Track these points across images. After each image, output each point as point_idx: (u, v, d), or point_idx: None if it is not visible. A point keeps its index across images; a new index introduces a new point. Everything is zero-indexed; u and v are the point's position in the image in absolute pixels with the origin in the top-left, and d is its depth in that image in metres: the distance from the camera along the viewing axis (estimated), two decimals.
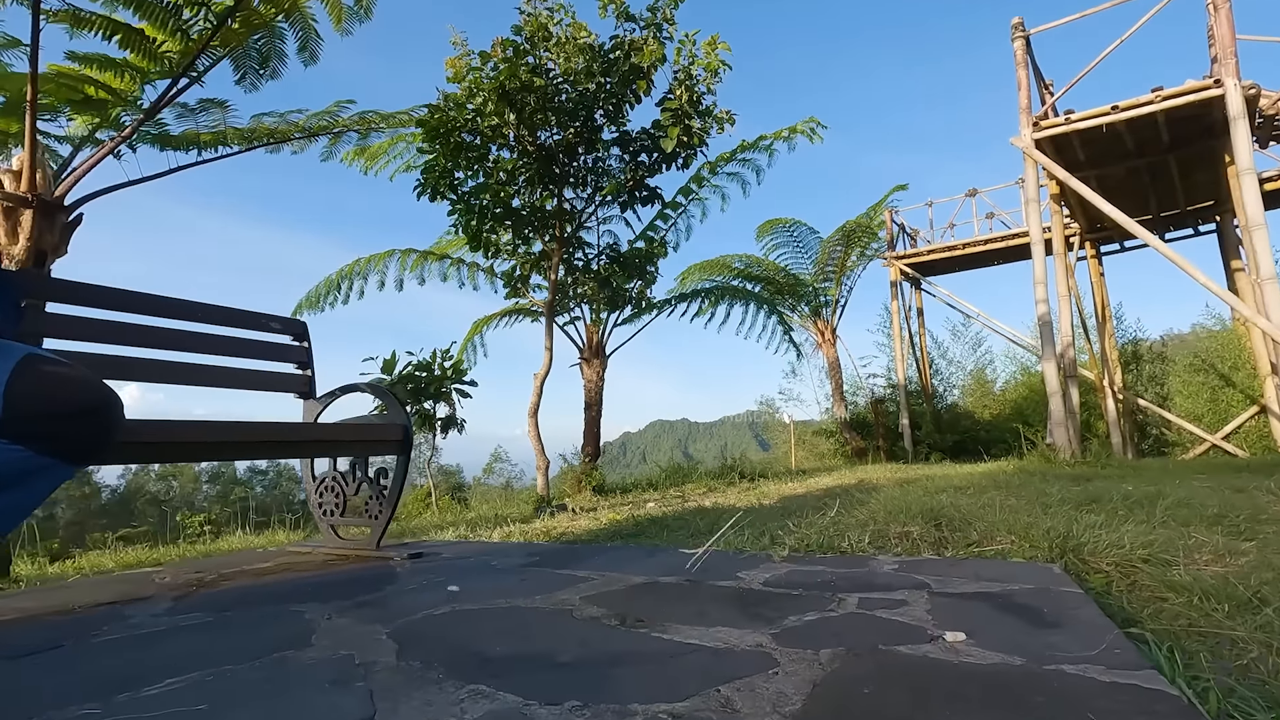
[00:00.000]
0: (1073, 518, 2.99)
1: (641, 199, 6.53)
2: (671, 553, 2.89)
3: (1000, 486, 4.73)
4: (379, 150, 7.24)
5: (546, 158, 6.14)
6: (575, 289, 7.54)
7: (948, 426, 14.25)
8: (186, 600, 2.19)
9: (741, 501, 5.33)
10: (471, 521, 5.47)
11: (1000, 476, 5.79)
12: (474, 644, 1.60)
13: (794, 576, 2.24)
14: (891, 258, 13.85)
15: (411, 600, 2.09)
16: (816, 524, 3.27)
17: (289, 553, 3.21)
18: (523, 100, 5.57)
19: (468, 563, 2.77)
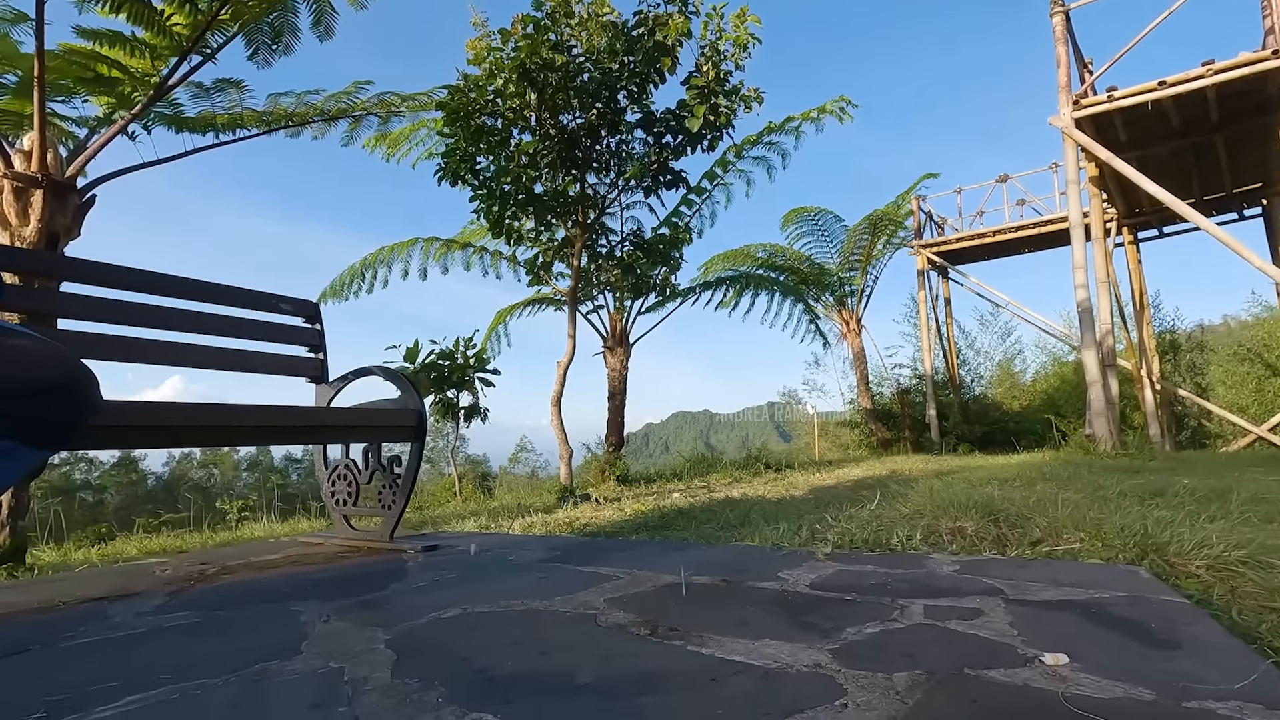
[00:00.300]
0: (1143, 514, 2.66)
1: (666, 183, 6.23)
2: (702, 548, 2.62)
3: (1047, 479, 4.37)
4: (401, 137, 7.04)
5: (569, 141, 5.87)
6: (598, 276, 7.28)
7: (976, 417, 13.76)
8: (180, 596, 1.98)
9: (770, 493, 5.04)
10: (494, 511, 5.27)
11: (1043, 468, 5.41)
12: (482, 657, 1.36)
13: (843, 578, 1.96)
14: (919, 246, 13.35)
15: (419, 600, 1.85)
16: (857, 517, 2.98)
17: (300, 543, 3.02)
18: (544, 80, 5.31)
19: (484, 557, 2.54)
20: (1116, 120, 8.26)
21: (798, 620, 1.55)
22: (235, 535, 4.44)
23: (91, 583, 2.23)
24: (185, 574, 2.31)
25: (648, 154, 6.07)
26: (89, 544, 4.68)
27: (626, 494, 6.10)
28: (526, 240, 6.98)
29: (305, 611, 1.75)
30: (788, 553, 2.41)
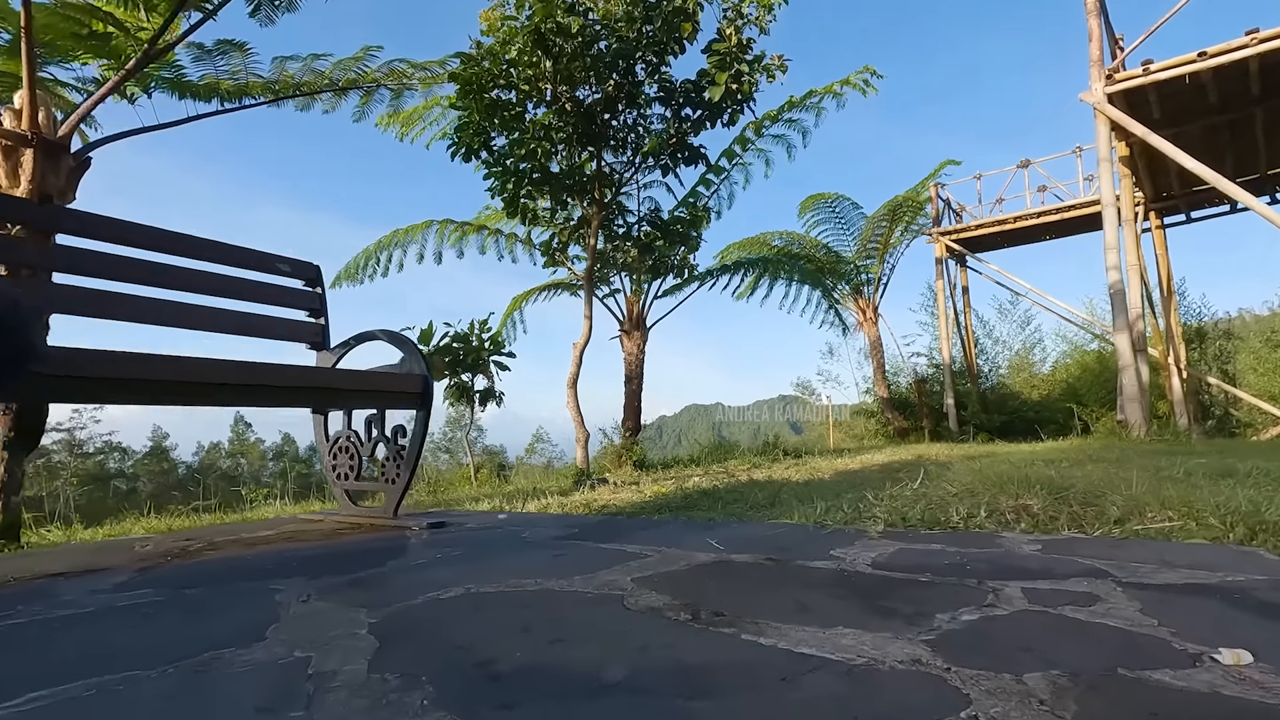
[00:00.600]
0: (1233, 493, 2.31)
1: (684, 159, 5.90)
2: (735, 526, 2.31)
3: (1094, 460, 4.00)
4: (414, 115, 6.74)
5: (585, 115, 5.56)
6: (616, 256, 6.97)
7: (994, 406, 13.28)
8: (150, 572, 1.71)
9: (795, 476, 4.71)
10: (508, 494, 4.99)
11: (1084, 452, 5.03)
12: (484, 645, 1.06)
13: (909, 557, 1.64)
14: (937, 234, 12.89)
15: (417, 579, 1.56)
16: (901, 496, 2.65)
17: (300, 520, 2.75)
18: (559, 47, 4.99)
19: (494, 534, 2.25)
20: (1151, 96, 7.78)
21: (871, 605, 1.24)
22: (244, 515, 4.20)
23: (61, 559, 1.97)
24: (166, 550, 2.04)
25: (666, 128, 5.74)
26: (105, 524, 4.47)
27: (644, 478, 5.80)
28: (542, 221, 6.69)
29: (284, 590, 1.47)
30: (833, 531, 2.09)
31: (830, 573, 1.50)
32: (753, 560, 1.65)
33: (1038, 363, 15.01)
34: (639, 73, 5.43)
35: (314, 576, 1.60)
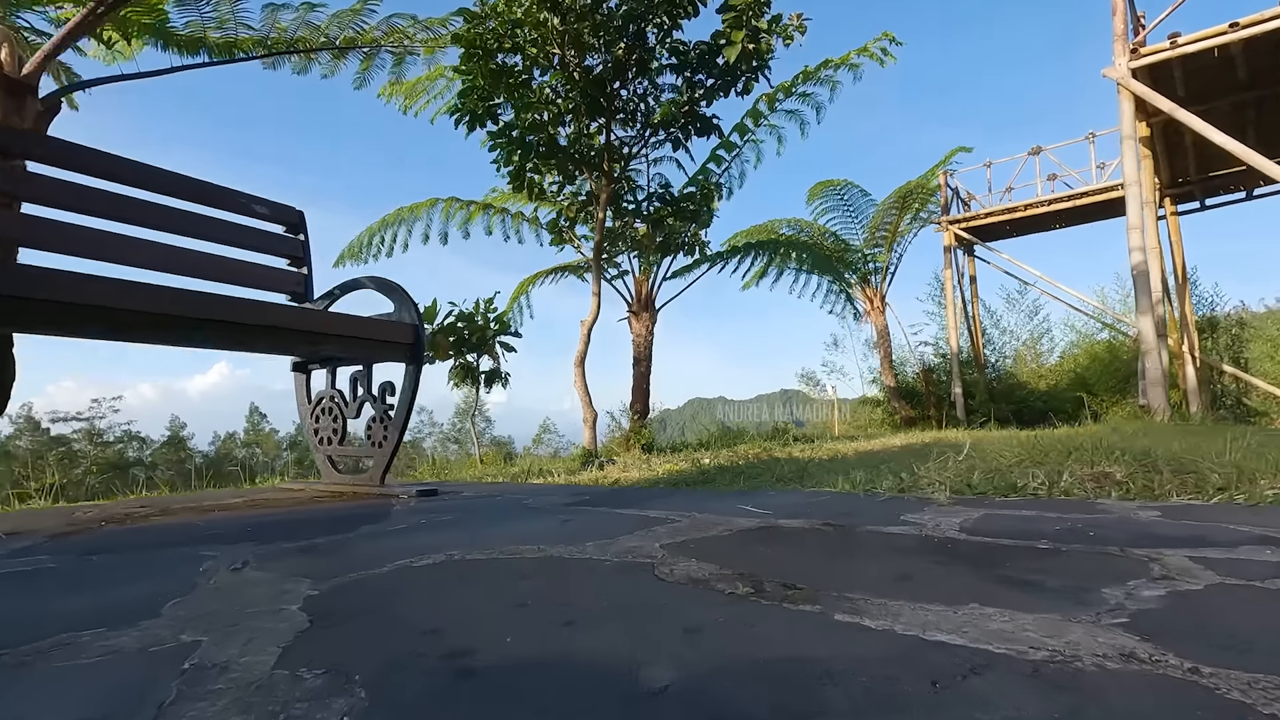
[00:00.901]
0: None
1: (697, 129, 5.53)
2: (769, 494, 1.95)
3: (1137, 437, 3.63)
4: (418, 87, 6.34)
5: (596, 82, 5.19)
6: (625, 233, 6.60)
7: (1002, 396, 12.86)
8: (67, 538, 1.36)
9: (814, 455, 4.34)
10: (514, 475, 4.65)
11: (1117, 433, 4.64)
12: (460, 627, 0.71)
13: (1003, 523, 1.28)
14: (946, 222, 12.45)
15: (389, 545, 1.21)
16: (952, 466, 2.29)
17: (278, 490, 2.41)
18: (567, 3, 4.62)
19: (493, 501, 1.90)
20: (1176, 71, 7.35)
21: (995, 575, 0.88)
22: (235, 488, 3.86)
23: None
24: (106, 516, 1.70)
25: (678, 97, 5.36)
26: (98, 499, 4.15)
27: (655, 460, 5.45)
28: (548, 197, 6.32)
29: (217, 557, 1.12)
30: (889, 498, 1.73)
31: (914, 538, 1.14)
32: (808, 526, 1.29)
33: (1045, 353, 14.59)
34: (650, 37, 5.05)
35: (264, 542, 1.25)
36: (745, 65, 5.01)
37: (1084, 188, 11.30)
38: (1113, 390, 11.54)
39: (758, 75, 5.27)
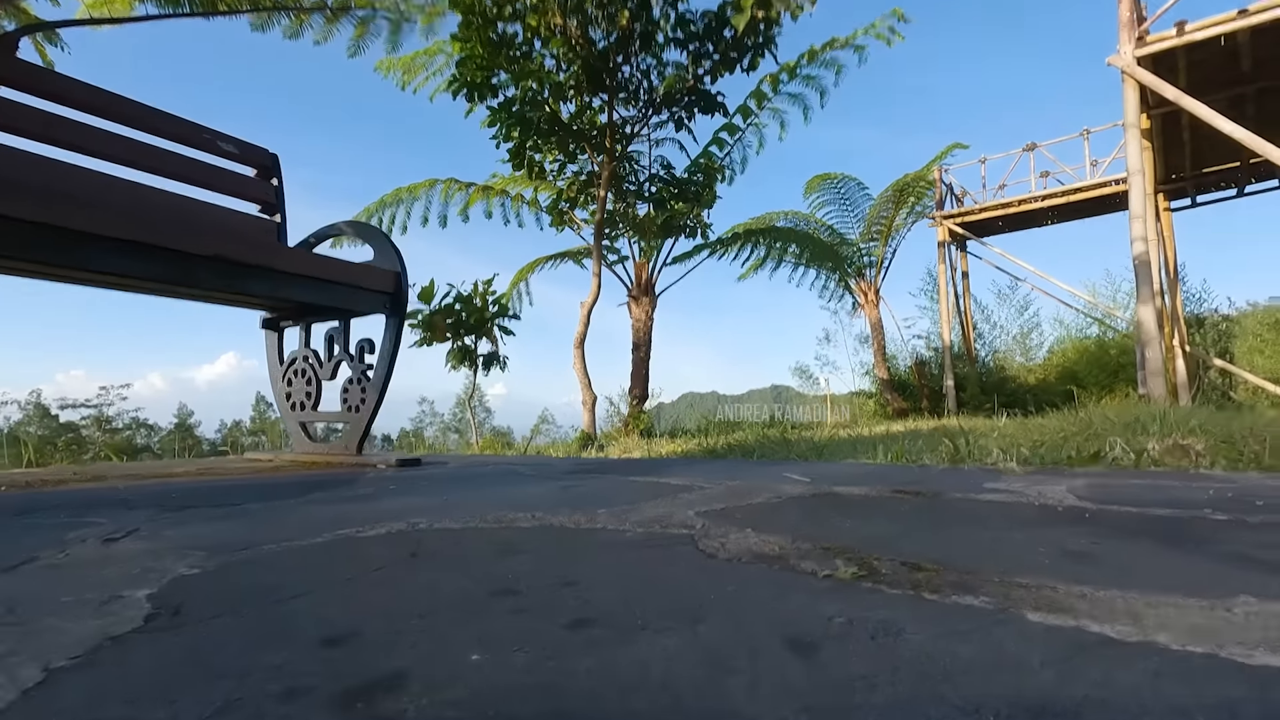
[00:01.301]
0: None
1: (700, 107, 5.21)
2: (804, 464, 1.64)
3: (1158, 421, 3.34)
4: (415, 62, 5.93)
5: (598, 55, 4.85)
6: (627, 213, 6.27)
7: (993, 388, 12.65)
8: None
9: (823, 437, 4.04)
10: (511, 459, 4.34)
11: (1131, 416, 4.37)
12: (388, 632, 0.39)
13: (1123, 491, 0.97)
14: (940, 217, 12.18)
15: (335, 512, 0.89)
16: (996, 442, 1.98)
17: (245, 460, 2.08)
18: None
19: (482, 470, 1.58)
20: (1180, 61, 7.06)
21: (1221, 554, 0.57)
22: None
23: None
24: (17, 480, 1.37)
25: (682, 73, 5.02)
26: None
27: (656, 443, 5.15)
28: (548, 178, 5.98)
29: (99, 525, 0.80)
30: (945, 469, 1.42)
31: (1029, 507, 0.83)
32: (877, 493, 0.98)
33: (1035, 347, 14.39)
34: (655, 7, 4.72)
35: (174, 511, 0.93)
36: (753, 38, 4.68)
37: (1079, 183, 11.05)
38: (1100, 385, 11.32)
39: (764, 50, 4.94)
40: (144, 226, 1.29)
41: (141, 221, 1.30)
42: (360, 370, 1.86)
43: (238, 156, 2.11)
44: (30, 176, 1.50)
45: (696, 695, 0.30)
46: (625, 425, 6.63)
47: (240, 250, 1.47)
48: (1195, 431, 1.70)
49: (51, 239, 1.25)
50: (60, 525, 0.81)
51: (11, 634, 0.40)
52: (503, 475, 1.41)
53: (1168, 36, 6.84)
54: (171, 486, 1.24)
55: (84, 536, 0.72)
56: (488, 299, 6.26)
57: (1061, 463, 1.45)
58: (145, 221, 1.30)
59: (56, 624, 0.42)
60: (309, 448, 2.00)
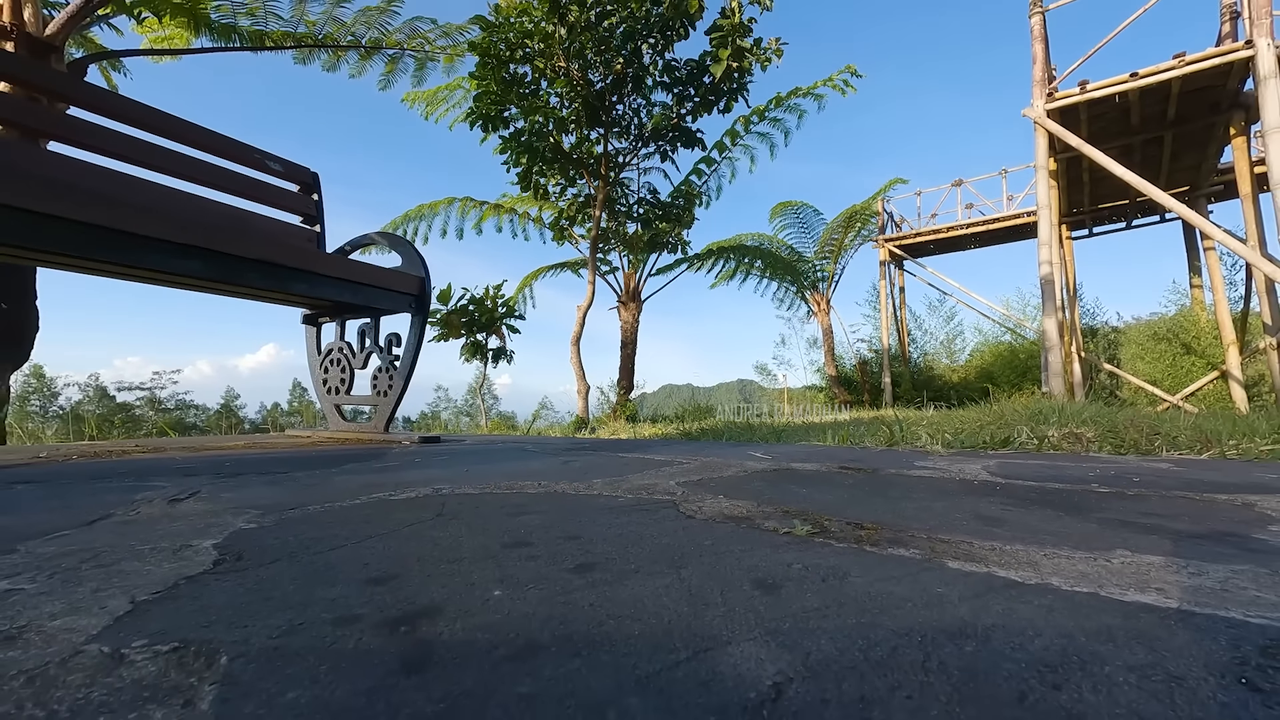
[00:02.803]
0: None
1: (683, 142, 5.22)
2: (765, 445, 1.66)
3: (1057, 414, 3.43)
4: (438, 95, 5.88)
5: (596, 95, 4.83)
6: (618, 230, 6.26)
7: (922, 384, 12.87)
8: (11, 469, 1.02)
9: (784, 423, 4.08)
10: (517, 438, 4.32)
11: (1032, 409, 4.48)
12: (426, 577, 0.40)
13: (1026, 469, 1.01)
14: (882, 240, 12.33)
15: (369, 480, 0.89)
16: (925, 429, 2.03)
17: (286, 436, 2.05)
18: (573, 17, 4.25)
19: (493, 447, 1.58)
20: (1082, 114, 7.22)
21: (1102, 519, 0.60)
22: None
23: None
24: (81, 452, 1.34)
25: (667, 111, 5.03)
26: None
27: (640, 428, 5.16)
28: (551, 199, 5.94)
29: (164, 489, 0.79)
30: (883, 450, 1.45)
31: (952, 481, 0.86)
32: (826, 468, 1.00)
33: (958, 351, 14.67)
34: (645, 55, 4.71)
35: (228, 477, 0.92)
36: (728, 83, 4.70)
37: (997, 214, 11.26)
38: (1011, 384, 11.57)
39: (738, 95, 4.95)
40: (201, 232, 1.27)
41: (198, 228, 1.28)
42: (388, 360, 1.85)
43: (283, 174, 2.07)
44: (100, 186, 1.47)
45: (681, 622, 0.32)
46: (614, 411, 6.64)
47: (284, 255, 1.45)
48: (1087, 422, 1.76)
49: (117, 241, 1.23)
50: (128, 488, 0.80)
51: (98, 574, 0.40)
52: (511, 451, 1.41)
53: (1073, 93, 6.99)
54: (224, 457, 1.23)
55: (150, 498, 0.72)
56: (497, 301, 6.23)
57: (978, 446, 1.49)
58: (202, 228, 1.28)
59: (137, 566, 0.42)
60: (343, 426, 1.98)
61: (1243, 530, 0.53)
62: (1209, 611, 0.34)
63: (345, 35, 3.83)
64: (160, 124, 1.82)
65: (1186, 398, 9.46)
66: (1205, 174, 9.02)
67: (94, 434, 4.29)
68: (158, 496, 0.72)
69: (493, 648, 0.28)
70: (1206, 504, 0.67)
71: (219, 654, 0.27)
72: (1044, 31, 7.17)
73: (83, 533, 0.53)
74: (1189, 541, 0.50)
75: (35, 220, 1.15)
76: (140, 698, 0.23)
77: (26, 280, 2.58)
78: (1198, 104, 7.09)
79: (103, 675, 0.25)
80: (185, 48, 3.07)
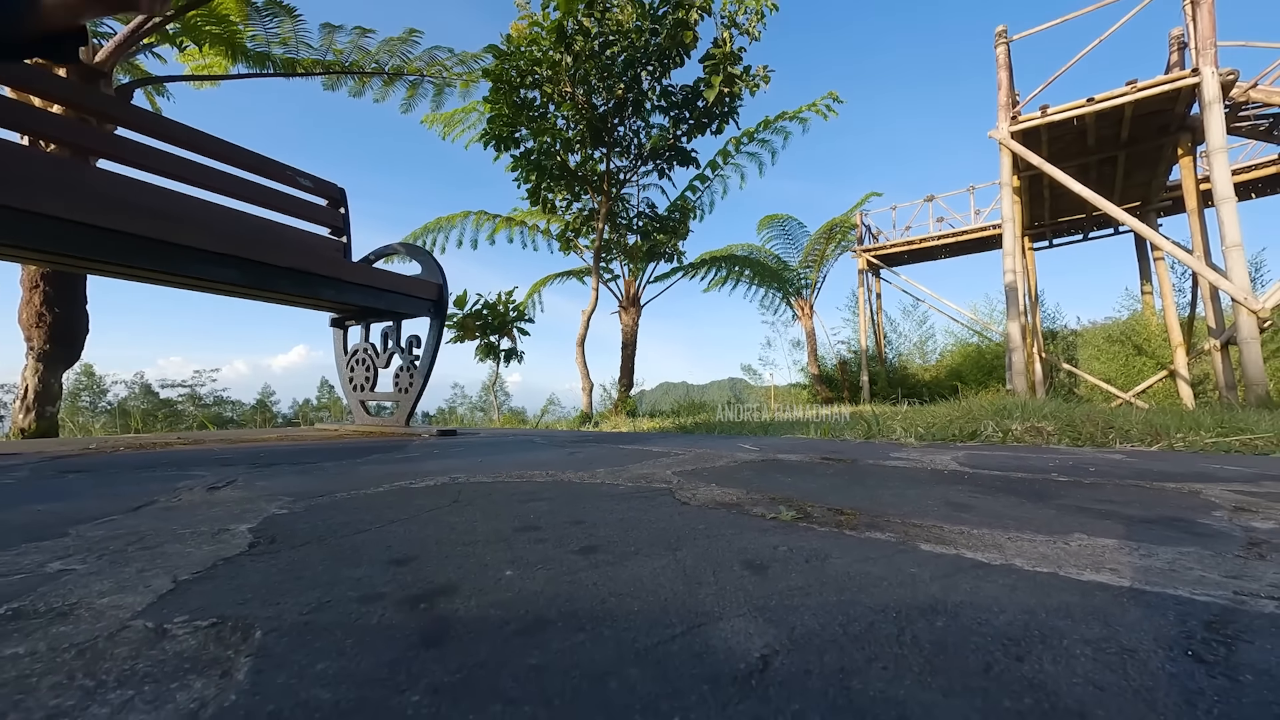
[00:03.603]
0: (1241, 418, 1.73)
1: (679, 161, 5.22)
2: (753, 438, 1.67)
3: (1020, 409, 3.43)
4: (454, 118, 5.91)
5: (599, 118, 4.83)
6: (619, 240, 6.26)
7: (897, 382, 12.86)
8: (63, 459, 1.02)
9: (771, 419, 4.08)
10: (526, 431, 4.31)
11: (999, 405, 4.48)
12: (442, 558, 0.39)
13: (992, 460, 1.01)
14: (860, 250, 12.34)
15: (392, 469, 0.89)
16: (900, 423, 2.03)
17: (316, 430, 2.05)
18: (579, 48, 4.25)
19: (505, 439, 1.58)
20: (1043, 136, 7.22)
21: (1061, 505, 0.60)
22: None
23: (36, 446, 1.25)
24: (126, 444, 1.34)
25: (664, 133, 5.03)
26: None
27: (640, 421, 5.15)
28: (558, 213, 5.94)
29: (203, 478, 0.79)
30: (861, 442, 1.45)
31: (924, 470, 0.86)
32: (809, 459, 1.00)
33: (930, 352, 14.70)
34: (644, 81, 4.71)
35: (262, 467, 0.92)
36: (720, 107, 4.70)
37: (965, 227, 11.27)
38: (979, 381, 11.59)
39: (729, 118, 4.95)
40: (238, 243, 1.27)
41: (235, 239, 1.27)
42: (409, 360, 1.85)
43: (313, 189, 2.07)
44: (145, 201, 1.46)
45: (676, 600, 0.32)
46: (615, 407, 6.64)
47: (314, 264, 1.45)
48: (1047, 417, 1.76)
49: (161, 251, 1.22)
50: (170, 477, 0.79)
51: (143, 555, 0.40)
52: (521, 443, 1.41)
53: (1034, 117, 7.00)
54: (259, 449, 1.23)
55: (191, 486, 0.72)
56: (509, 306, 6.22)
57: (948, 439, 1.49)
58: (238, 239, 1.28)
59: (179, 549, 0.42)
60: (367, 421, 1.98)
61: (1189, 516, 0.54)
62: (1158, 590, 0.34)
63: (370, 63, 3.82)
64: (200, 143, 1.81)
65: (1138, 395, 9.49)
66: (1155, 190, 9.06)
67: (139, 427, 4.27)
68: (198, 484, 0.72)
69: (504, 623, 0.28)
70: (1156, 492, 0.67)
71: (254, 629, 0.27)
72: (1008, 60, 7.18)
73: (129, 518, 0.53)
74: (1140, 526, 0.50)
75: (88, 232, 1.15)
76: (181, 669, 0.23)
77: (77, 287, 2.58)
78: (1148, 126, 7.11)
79: (147, 648, 0.25)
80: (223, 74, 3.07)
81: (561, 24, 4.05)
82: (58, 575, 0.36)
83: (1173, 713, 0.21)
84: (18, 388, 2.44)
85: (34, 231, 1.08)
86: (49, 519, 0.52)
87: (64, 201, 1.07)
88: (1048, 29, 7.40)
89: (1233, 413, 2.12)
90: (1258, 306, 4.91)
